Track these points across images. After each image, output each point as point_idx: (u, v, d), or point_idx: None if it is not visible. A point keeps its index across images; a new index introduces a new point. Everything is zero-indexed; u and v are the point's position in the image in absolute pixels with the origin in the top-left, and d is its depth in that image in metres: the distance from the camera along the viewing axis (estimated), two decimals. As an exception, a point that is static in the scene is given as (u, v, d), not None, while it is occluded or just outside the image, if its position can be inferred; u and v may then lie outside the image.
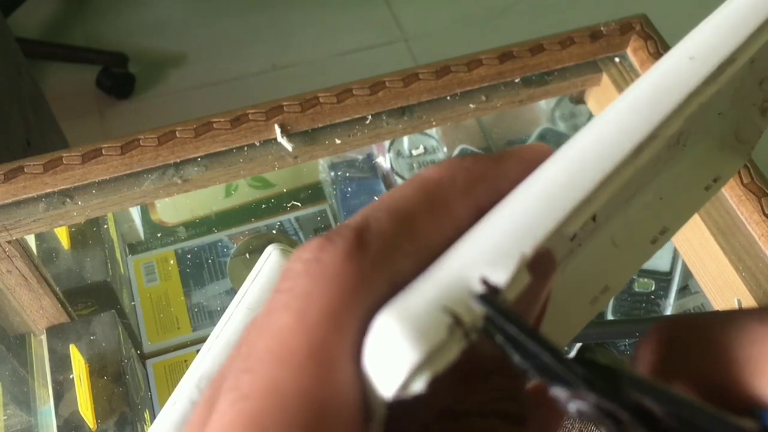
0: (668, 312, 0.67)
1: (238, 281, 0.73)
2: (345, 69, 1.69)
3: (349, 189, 0.76)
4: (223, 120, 0.54)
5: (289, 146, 0.54)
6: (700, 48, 0.19)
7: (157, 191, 0.53)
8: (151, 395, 0.67)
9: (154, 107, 1.66)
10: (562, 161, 0.18)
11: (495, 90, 0.56)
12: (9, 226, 0.51)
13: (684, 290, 0.68)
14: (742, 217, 0.50)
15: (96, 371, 0.61)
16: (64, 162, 0.52)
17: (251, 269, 0.38)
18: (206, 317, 0.72)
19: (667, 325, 0.18)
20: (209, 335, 0.37)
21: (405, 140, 0.77)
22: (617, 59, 0.58)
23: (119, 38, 1.76)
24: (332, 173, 0.78)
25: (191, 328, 0.71)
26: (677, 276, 0.68)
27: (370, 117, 0.55)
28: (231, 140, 0.53)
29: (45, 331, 0.63)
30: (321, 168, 0.79)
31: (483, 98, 0.56)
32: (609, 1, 1.64)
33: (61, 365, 0.61)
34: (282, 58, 1.72)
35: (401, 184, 0.18)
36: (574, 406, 0.15)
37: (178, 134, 0.53)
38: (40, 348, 0.63)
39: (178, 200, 0.77)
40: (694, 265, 0.54)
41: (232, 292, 0.72)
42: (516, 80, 0.56)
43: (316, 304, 0.16)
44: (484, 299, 0.16)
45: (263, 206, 0.78)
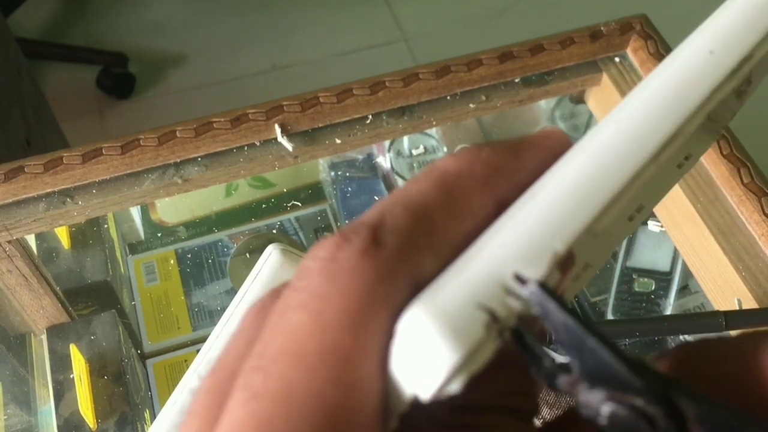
0: (668, 312, 0.67)
1: (239, 281, 0.73)
2: (345, 69, 1.69)
3: (349, 189, 0.76)
4: (223, 120, 0.54)
5: (289, 146, 0.54)
6: (720, 42, 0.19)
7: (157, 191, 0.53)
8: (151, 395, 0.67)
9: (154, 107, 1.66)
10: (590, 156, 0.17)
11: (495, 90, 0.56)
12: (9, 226, 0.51)
13: (684, 290, 0.68)
14: (742, 217, 0.50)
15: (96, 371, 0.61)
16: (64, 162, 0.52)
17: (251, 269, 0.37)
18: (206, 317, 0.72)
19: (683, 345, 0.17)
20: (209, 335, 0.37)
21: (405, 140, 0.77)
22: (617, 59, 0.58)
23: (119, 38, 1.76)
24: (332, 173, 0.78)
25: (191, 328, 0.71)
26: (677, 276, 0.68)
27: (370, 117, 0.55)
28: (231, 140, 0.53)
29: (45, 331, 0.63)
30: (321, 168, 0.79)
31: (483, 98, 0.56)
32: (609, 1, 1.64)
33: (62, 365, 0.61)
34: (282, 58, 1.72)
35: (416, 177, 0.18)
36: (609, 409, 0.15)
37: (178, 134, 0.53)
38: (41, 348, 0.63)
39: (179, 200, 0.77)
40: (694, 265, 0.54)
41: (232, 292, 0.72)
42: (516, 80, 0.56)
43: (333, 304, 0.15)
44: (544, 289, 0.15)
45: (263, 206, 0.78)
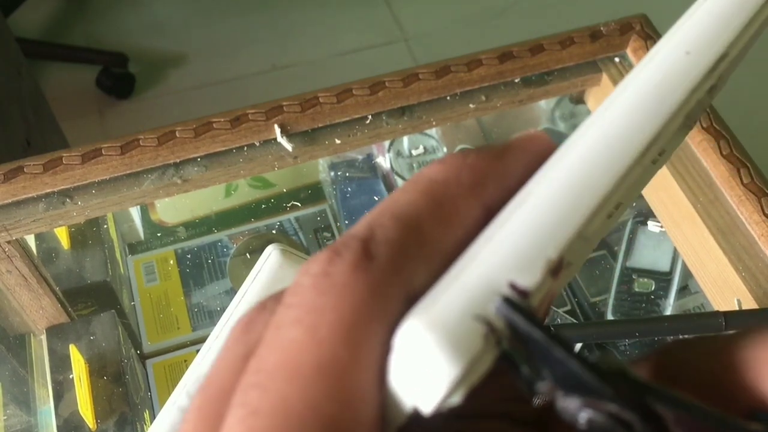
0: (668, 312, 0.67)
1: (238, 281, 0.73)
2: (345, 69, 1.69)
3: (349, 189, 0.76)
4: (223, 120, 0.54)
5: (289, 146, 0.54)
6: (695, 43, 0.19)
7: (157, 191, 0.53)
8: (151, 395, 0.67)
9: (154, 107, 1.66)
10: (573, 161, 0.17)
11: (495, 90, 0.56)
12: (9, 226, 0.51)
13: (684, 290, 0.68)
14: (742, 217, 0.50)
15: (96, 371, 0.61)
16: (64, 162, 0.52)
17: (251, 269, 0.37)
18: (206, 317, 0.72)
19: (664, 345, 0.18)
20: (209, 335, 0.37)
21: (405, 140, 0.77)
22: (617, 59, 0.58)
23: (119, 38, 1.76)
24: (332, 173, 0.78)
25: (191, 328, 0.71)
26: (677, 276, 0.68)
27: (370, 117, 0.55)
28: (231, 140, 0.53)
29: (45, 331, 0.63)
30: (321, 168, 0.79)
31: (483, 98, 0.56)
32: (609, 1, 1.64)
33: (61, 365, 0.61)
34: (282, 58, 1.72)
35: (403, 186, 0.18)
36: (586, 415, 0.15)
37: (178, 134, 0.53)
38: (40, 348, 0.63)
39: (178, 200, 0.77)
40: (694, 265, 0.54)
41: (232, 292, 0.72)
42: (516, 80, 0.56)
43: (327, 319, 0.15)
44: (509, 303, 0.15)
45: (263, 206, 0.78)
